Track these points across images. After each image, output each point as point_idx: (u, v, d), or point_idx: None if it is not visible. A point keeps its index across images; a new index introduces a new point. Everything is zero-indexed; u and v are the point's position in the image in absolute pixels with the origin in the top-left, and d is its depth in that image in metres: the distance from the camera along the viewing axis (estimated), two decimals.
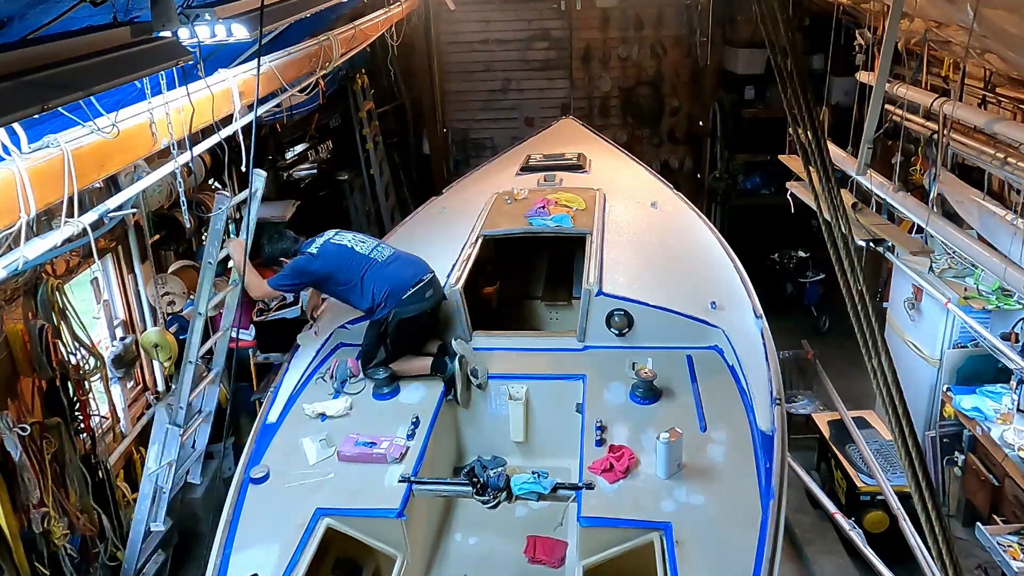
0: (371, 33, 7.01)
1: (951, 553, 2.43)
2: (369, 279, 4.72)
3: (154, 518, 4.85)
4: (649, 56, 10.77)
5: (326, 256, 4.81)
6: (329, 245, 4.87)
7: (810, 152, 3.10)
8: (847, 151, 6.24)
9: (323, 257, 4.80)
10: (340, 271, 4.77)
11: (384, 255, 4.84)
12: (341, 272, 4.77)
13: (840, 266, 2.87)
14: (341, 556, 3.87)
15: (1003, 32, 4.18)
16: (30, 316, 4.59)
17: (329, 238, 4.93)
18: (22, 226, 2.83)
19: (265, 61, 4.72)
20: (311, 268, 4.79)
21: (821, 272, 9.07)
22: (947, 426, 6.01)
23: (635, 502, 3.62)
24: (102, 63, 2.71)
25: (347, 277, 4.76)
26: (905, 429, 2.58)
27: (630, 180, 7.16)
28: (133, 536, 4.86)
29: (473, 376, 4.62)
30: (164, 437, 4.68)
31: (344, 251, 4.83)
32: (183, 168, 4.28)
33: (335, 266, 4.77)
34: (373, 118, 10.11)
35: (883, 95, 5.34)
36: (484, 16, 10.70)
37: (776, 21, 3.22)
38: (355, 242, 4.91)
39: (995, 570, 5.11)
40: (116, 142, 3.32)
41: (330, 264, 4.78)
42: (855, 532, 5.37)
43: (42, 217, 3.40)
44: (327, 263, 4.78)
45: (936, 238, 5.21)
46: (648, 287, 4.99)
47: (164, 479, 4.75)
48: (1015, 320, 5.52)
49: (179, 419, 4.65)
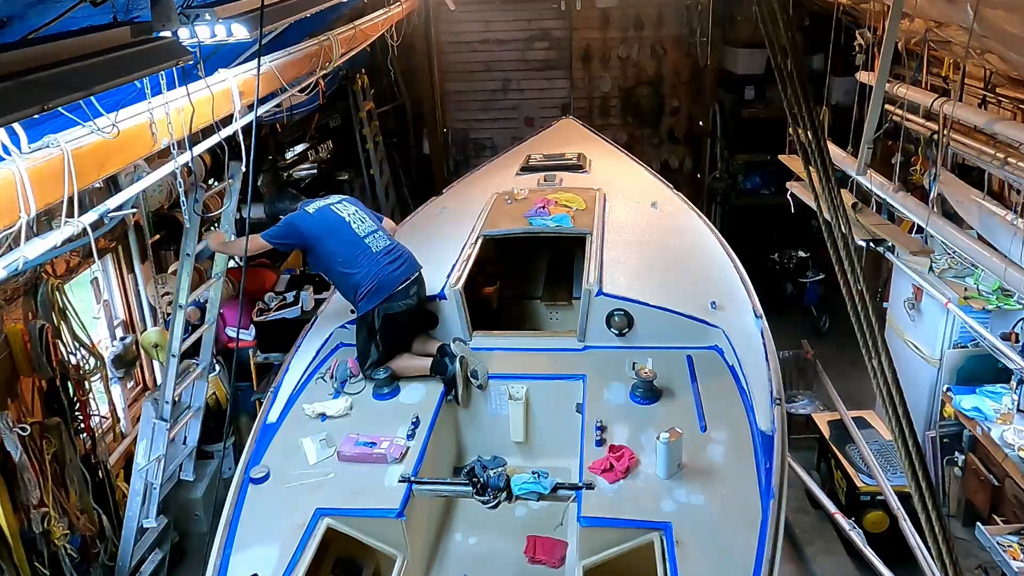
0: (371, 33, 7.01)
1: (951, 553, 2.43)
2: (359, 266, 4.65)
3: (146, 515, 4.85)
4: (649, 56, 10.77)
5: (320, 221, 4.73)
6: (328, 211, 4.79)
7: (810, 152, 3.10)
8: (847, 151, 6.24)
9: (317, 220, 4.73)
10: (330, 242, 4.68)
11: (379, 246, 4.76)
12: (331, 243, 4.69)
13: (840, 266, 2.87)
14: (341, 556, 3.87)
15: (1003, 32, 4.17)
16: (30, 316, 4.59)
17: (330, 204, 4.86)
18: (22, 226, 2.83)
19: (265, 61, 4.72)
20: (302, 226, 4.70)
21: (821, 272, 9.08)
22: (947, 426, 6.01)
23: (635, 502, 3.62)
24: (102, 63, 2.71)
25: (335, 251, 4.68)
26: (905, 429, 2.58)
27: (630, 180, 7.16)
28: (126, 534, 4.86)
29: (473, 377, 4.62)
30: (152, 432, 4.70)
31: (341, 224, 4.75)
32: (183, 168, 4.28)
33: (327, 232, 4.69)
34: (373, 118, 10.11)
35: (883, 95, 5.33)
36: (484, 16, 10.70)
37: (776, 21, 3.22)
38: (354, 219, 4.81)
39: (995, 570, 5.11)
40: (116, 142, 3.32)
41: (322, 228, 4.70)
42: (855, 532, 5.37)
43: (42, 217, 3.39)
44: (319, 226, 4.70)
45: (936, 238, 5.20)
46: (648, 287, 4.99)
47: (154, 475, 4.76)
48: (1015, 320, 5.52)
49: (165, 413, 4.66)
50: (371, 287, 4.61)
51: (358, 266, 4.65)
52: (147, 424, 4.70)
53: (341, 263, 4.68)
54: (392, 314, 4.66)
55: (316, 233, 4.70)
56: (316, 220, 4.73)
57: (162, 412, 4.67)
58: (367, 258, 4.68)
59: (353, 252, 4.67)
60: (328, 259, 4.73)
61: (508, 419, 4.63)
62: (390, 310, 4.65)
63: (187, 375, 5.05)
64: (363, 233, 4.77)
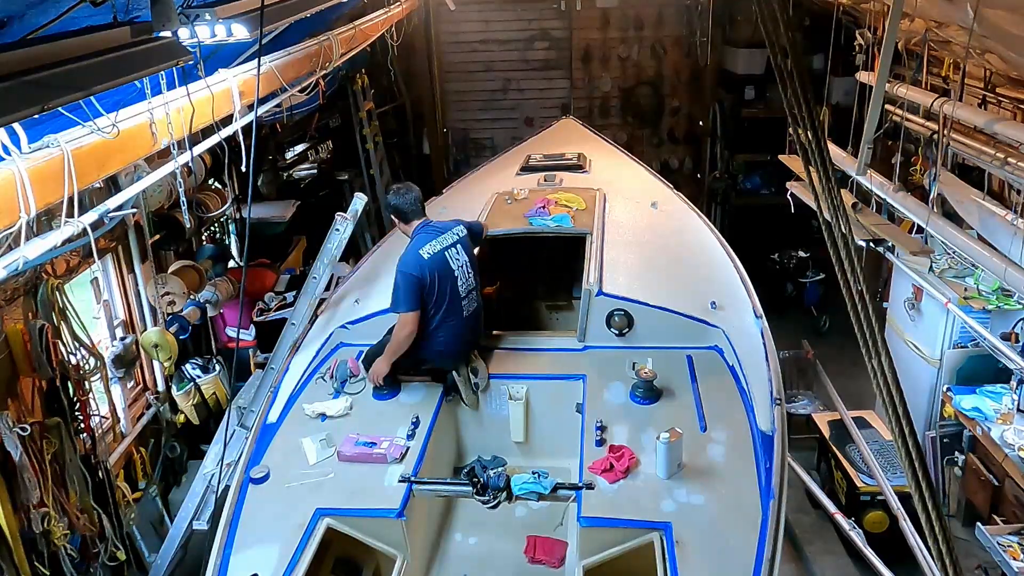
0: (371, 33, 7.01)
1: (951, 553, 2.43)
2: (444, 329, 4.37)
3: (198, 517, 4.88)
4: (649, 56, 10.77)
5: (433, 270, 4.31)
6: (442, 260, 4.36)
7: (810, 152, 3.10)
8: (847, 151, 6.24)
9: (431, 270, 4.30)
10: (431, 294, 4.32)
11: (470, 309, 4.48)
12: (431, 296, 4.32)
13: (840, 266, 2.87)
14: (341, 556, 3.87)
15: (1003, 32, 4.18)
16: (30, 316, 4.59)
17: (446, 247, 4.41)
18: (22, 226, 2.82)
19: (265, 61, 4.72)
20: (422, 275, 4.27)
21: (821, 272, 9.08)
22: (947, 426, 6.01)
23: (635, 502, 3.62)
24: (102, 63, 2.70)
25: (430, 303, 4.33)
26: (905, 429, 2.58)
27: (630, 180, 7.16)
28: (173, 534, 4.91)
29: (473, 374, 4.62)
30: (229, 438, 4.63)
31: (449, 278, 4.38)
32: (183, 168, 4.28)
33: (433, 285, 4.32)
34: (373, 118, 10.11)
35: (883, 95, 5.33)
36: (484, 16, 10.71)
37: (776, 21, 3.22)
38: (462, 274, 4.44)
39: (995, 570, 5.10)
40: (116, 142, 3.32)
41: (431, 280, 4.30)
42: (855, 532, 5.37)
43: (42, 217, 3.40)
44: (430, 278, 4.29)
45: (936, 238, 5.21)
46: (648, 287, 4.98)
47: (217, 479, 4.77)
48: (1015, 320, 5.52)
49: (248, 422, 4.65)
50: (444, 350, 4.42)
51: (443, 329, 4.39)
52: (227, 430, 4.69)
53: (438, 314, 4.38)
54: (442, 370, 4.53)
55: (429, 286, 4.31)
56: (430, 270, 4.31)
57: (246, 421, 4.66)
58: (456, 320, 4.42)
59: (446, 310, 4.38)
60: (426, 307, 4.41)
61: (508, 419, 4.63)
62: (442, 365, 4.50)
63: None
64: (464, 291, 4.45)
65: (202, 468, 5.08)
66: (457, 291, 4.39)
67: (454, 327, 4.42)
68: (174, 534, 5.00)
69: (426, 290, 4.28)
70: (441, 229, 4.51)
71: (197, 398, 6.16)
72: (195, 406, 6.16)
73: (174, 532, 5.00)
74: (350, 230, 4.93)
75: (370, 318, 4.95)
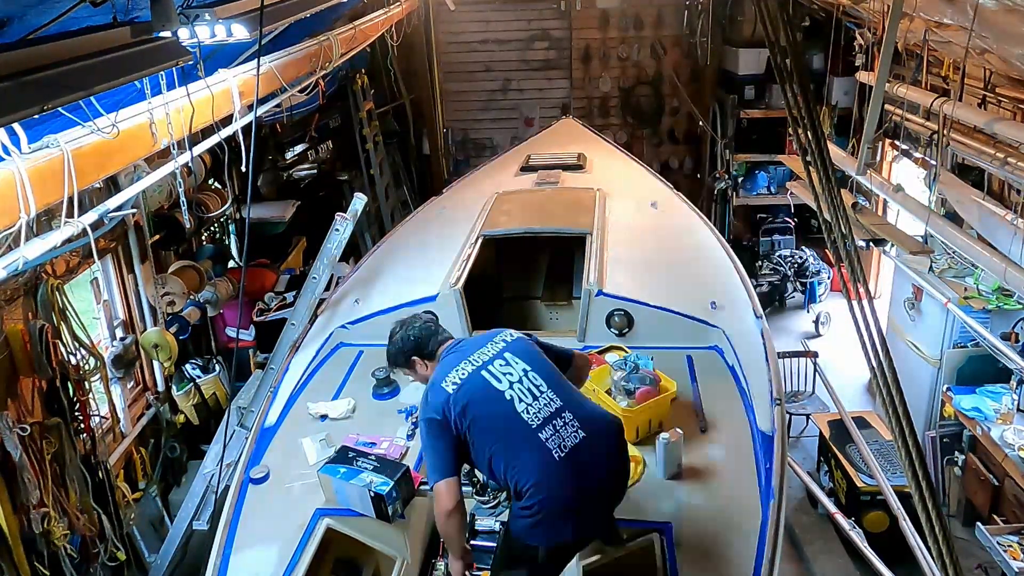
0: (371, 33, 7.02)
1: (951, 553, 2.43)
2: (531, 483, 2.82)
3: (198, 517, 4.89)
4: (649, 56, 10.76)
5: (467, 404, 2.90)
6: (478, 382, 2.94)
7: (810, 152, 3.09)
8: (847, 151, 6.25)
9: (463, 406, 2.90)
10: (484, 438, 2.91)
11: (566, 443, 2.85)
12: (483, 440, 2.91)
13: (840, 266, 2.87)
14: (341, 556, 3.86)
15: (1003, 32, 4.17)
16: (30, 316, 4.59)
17: (482, 366, 2.98)
18: (22, 226, 2.82)
19: (265, 61, 4.72)
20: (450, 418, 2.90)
21: (821, 271, 9.08)
22: (947, 426, 6.02)
23: (635, 502, 3.61)
24: (102, 63, 2.70)
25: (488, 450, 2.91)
26: (905, 429, 2.58)
27: (630, 180, 7.16)
28: (173, 534, 4.92)
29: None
30: (229, 439, 4.55)
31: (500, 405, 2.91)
32: (183, 168, 4.28)
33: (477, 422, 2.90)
34: (373, 118, 10.11)
35: (883, 95, 5.34)
36: (484, 16, 10.70)
37: (776, 21, 3.22)
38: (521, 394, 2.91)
39: (995, 570, 5.11)
40: (116, 142, 3.31)
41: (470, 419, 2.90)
42: (855, 532, 5.37)
43: (42, 217, 3.40)
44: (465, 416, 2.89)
45: (936, 238, 5.21)
46: (648, 287, 4.98)
47: (217, 480, 4.79)
48: (1015, 320, 5.52)
49: (248, 422, 4.65)
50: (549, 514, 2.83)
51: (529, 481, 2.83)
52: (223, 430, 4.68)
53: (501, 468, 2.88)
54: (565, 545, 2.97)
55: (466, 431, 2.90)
56: (463, 405, 2.89)
57: (246, 421, 4.66)
58: (544, 467, 2.82)
59: (518, 453, 2.85)
60: (480, 462, 2.97)
61: None
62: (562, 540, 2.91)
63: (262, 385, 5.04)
64: (537, 420, 2.87)
65: (202, 468, 5.09)
66: (522, 421, 2.86)
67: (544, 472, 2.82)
68: (174, 534, 5.01)
69: (463, 437, 2.91)
70: (474, 344, 3.12)
71: (197, 398, 6.16)
72: (195, 406, 6.16)
73: (174, 532, 5.01)
74: (350, 230, 4.92)
75: (370, 318, 4.95)
